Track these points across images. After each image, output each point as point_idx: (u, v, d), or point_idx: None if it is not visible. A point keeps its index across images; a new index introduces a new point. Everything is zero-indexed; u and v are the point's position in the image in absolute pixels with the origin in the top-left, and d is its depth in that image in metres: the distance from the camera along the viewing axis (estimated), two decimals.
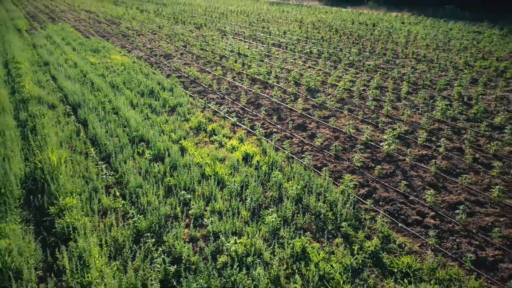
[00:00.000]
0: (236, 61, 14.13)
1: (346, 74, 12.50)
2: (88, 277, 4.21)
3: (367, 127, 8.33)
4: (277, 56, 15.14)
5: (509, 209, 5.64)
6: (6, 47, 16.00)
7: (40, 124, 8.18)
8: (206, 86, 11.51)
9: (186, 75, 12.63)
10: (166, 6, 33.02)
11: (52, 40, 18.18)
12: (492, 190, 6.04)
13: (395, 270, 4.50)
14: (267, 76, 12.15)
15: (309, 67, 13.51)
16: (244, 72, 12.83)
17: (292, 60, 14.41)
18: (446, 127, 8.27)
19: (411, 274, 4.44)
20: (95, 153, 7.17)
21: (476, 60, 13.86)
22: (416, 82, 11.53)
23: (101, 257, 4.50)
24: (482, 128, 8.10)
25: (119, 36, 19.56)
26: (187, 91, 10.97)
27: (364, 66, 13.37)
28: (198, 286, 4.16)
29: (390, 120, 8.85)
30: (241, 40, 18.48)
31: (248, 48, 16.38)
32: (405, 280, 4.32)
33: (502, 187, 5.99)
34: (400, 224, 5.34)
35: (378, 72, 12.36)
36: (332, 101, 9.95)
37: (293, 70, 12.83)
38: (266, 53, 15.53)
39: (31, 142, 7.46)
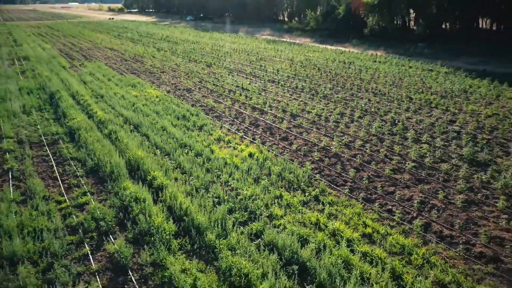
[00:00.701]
0: (240, 94, 19.23)
1: (319, 104, 17.56)
2: (179, 203, 8.96)
3: (325, 138, 13.25)
4: (271, 90, 20.27)
5: (393, 179, 10.48)
6: (65, 82, 21.15)
7: (120, 136, 13.08)
8: (221, 113, 16.52)
9: (205, 105, 17.67)
10: (178, 44, 38.74)
11: (96, 77, 23.37)
12: (386, 171, 10.89)
13: (325, 202, 9.29)
14: (263, 105, 17.20)
15: (294, 98, 18.60)
16: (247, 102, 17.88)
17: (282, 94, 19.53)
18: (375, 138, 13.23)
19: (334, 204, 9.22)
20: (159, 153, 12.04)
21: (416, 94, 19.01)
22: (367, 110, 16.57)
23: (183, 197, 9.28)
24: (397, 139, 13.06)
25: (147, 73, 24.84)
26: (208, 116, 15.96)
27: (334, 98, 18.47)
28: (228, 206, 8.94)
29: (341, 134, 13.79)
30: (243, 77, 23.73)
31: (249, 84, 21.56)
32: (330, 207, 9.09)
33: (394, 169, 10.86)
34: (332, 185, 10.16)
35: (342, 103, 17.45)
36: (306, 122, 14.94)
37: (282, 101, 17.91)
38: (263, 88, 20.68)
39: (118, 145, 12.33)
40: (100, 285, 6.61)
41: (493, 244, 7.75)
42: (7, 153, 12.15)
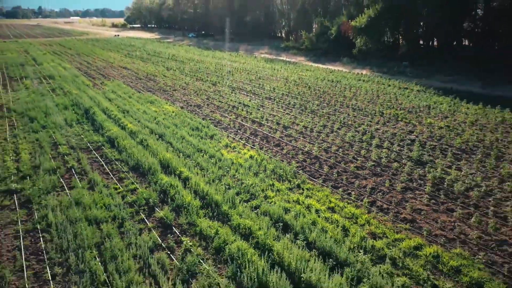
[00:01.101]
0: (242, 110, 23.22)
1: (307, 118, 21.54)
2: (201, 188, 12.79)
3: (309, 145, 17.17)
4: (267, 106, 24.28)
5: (355, 173, 14.35)
6: (94, 100, 25.16)
7: (149, 143, 16.98)
8: (226, 125, 20.46)
9: (213, 119, 21.63)
10: (184, 63, 42.98)
11: (118, 95, 27.39)
12: (352, 168, 14.77)
13: (304, 188, 13.14)
14: (261, 119, 21.16)
15: (286, 113, 22.59)
16: (247, 116, 21.85)
17: (276, 109, 23.53)
18: (347, 144, 17.16)
19: (310, 190, 13.07)
20: (181, 155, 15.91)
21: (387, 109, 23.03)
22: (345, 123, 20.54)
23: (203, 185, 13.11)
24: (364, 145, 16.99)
25: (161, 91, 28.90)
26: (216, 128, 19.90)
27: (319, 113, 22.46)
28: (236, 190, 12.78)
29: (322, 141, 17.70)
30: (244, 94, 27.78)
31: (249, 101, 25.58)
32: (307, 191, 12.93)
33: (357, 167, 14.76)
34: (311, 178, 14.03)
35: (326, 117, 21.44)
36: (295, 133, 18.87)
37: (276, 116, 21.90)
38: (261, 104, 24.70)
39: (150, 150, 16.21)
40: (155, 234, 10.42)
41: (414, 213, 11.60)
42: (65, 156, 16.04)
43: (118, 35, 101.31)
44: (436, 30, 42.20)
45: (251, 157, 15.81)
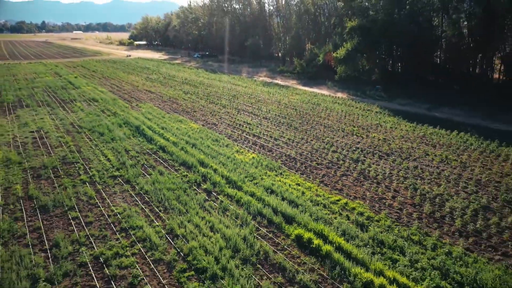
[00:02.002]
0: (246, 127, 33.09)
1: (291, 133, 31.40)
2: (225, 174, 22.56)
3: (290, 150, 26.98)
4: (264, 124, 34.16)
5: (316, 167, 24.12)
6: (139, 119, 35.02)
7: (188, 149, 26.79)
8: (236, 138, 30.31)
9: (226, 133, 31.48)
10: (197, 87, 53.14)
11: (153, 115, 37.27)
12: (314, 164, 24.56)
13: (284, 175, 22.90)
14: (259, 134, 31.00)
15: (277, 129, 32.46)
16: (250, 132, 31.70)
17: (270, 126, 33.41)
18: (314, 150, 27.00)
19: (288, 176, 22.83)
20: (209, 157, 25.70)
21: (348, 126, 32.90)
22: (316, 136, 30.39)
23: (226, 172, 22.86)
24: (325, 151, 26.84)
25: (184, 112, 38.85)
26: (229, 140, 29.74)
27: (300, 129, 32.33)
28: (244, 175, 22.56)
29: (299, 148, 27.50)
30: (247, 115, 37.72)
31: (251, 120, 35.49)
32: (286, 177, 22.66)
33: (318, 163, 24.58)
34: (289, 169, 23.79)
35: (304, 132, 31.31)
36: (282, 143, 28.72)
37: (270, 131, 31.77)
38: (259, 123, 34.59)
39: (189, 153, 26.00)
40: (204, 195, 20.13)
41: (343, 186, 21.34)
42: (136, 157, 25.82)
43: (130, 56, 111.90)
44: (401, 62, 52.61)
45: (253, 157, 25.61)
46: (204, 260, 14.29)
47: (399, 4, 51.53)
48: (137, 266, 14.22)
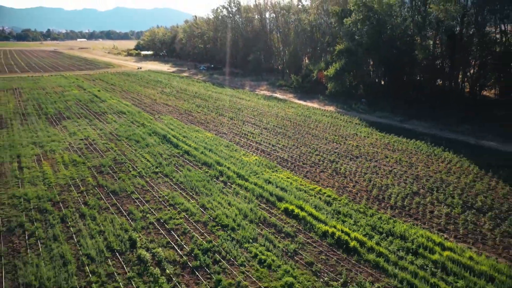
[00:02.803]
0: (250, 136, 42.12)
1: (285, 141, 40.40)
2: (235, 170, 31.54)
3: (284, 154, 35.95)
4: (264, 134, 43.17)
5: (303, 165, 33.07)
6: (163, 129, 44.07)
7: (206, 152, 35.78)
8: (242, 144, 39.34)
9: (235, 141, 40.51)
10: (207, 101, 62.36)
11: (174, 126, 46.33)
12: (300, 164, 33.54)
13: (278, 171, 31.87)
14: (260, 141, 40.01)
15: (274, 138, 41.46)
16: (253, 139, 40.72)
17: (269, 136, 42.41)
18: (303, 154, 35.97)
19: (281, 172, 31.80)
20: (223, 159, 34.71)
21: (331, 135, 41.88)
22: (305, 143, 39.35)
23: (236, 169, 31.83)
24: (311, 154, 35.81)
25: (199, 123, 47.92)
26: (237, 146, 38.75)
27: (293, 138, 41.32)
28: (249, 171, 31.56)
29: (290, 152, 36.46)
30: (250, 126, 46.75)
31: (254, 130, 44.51)
32: (279, 172, 31.62)
33: (304, 163, 33.59)
34: (282, 167, 32.76)
35: (295, 140, 40.29)
36: (278, 148, 37.71)
37: (268, 139, 40.77)
38: (260, 132, 43.61)
39: (208, 155, 34.99)
40: (221, 184, 29.08)
41: (320, 179, 30.28)
42: (168, 159, 34.83)
43: (141, 68, 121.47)
44: (383, 78, 61.74)
45: (255, 159, 34.57)
46: (226, 220, 23.19)
47: (380, 30, 60.72)
48: (185, 224, 23.14)
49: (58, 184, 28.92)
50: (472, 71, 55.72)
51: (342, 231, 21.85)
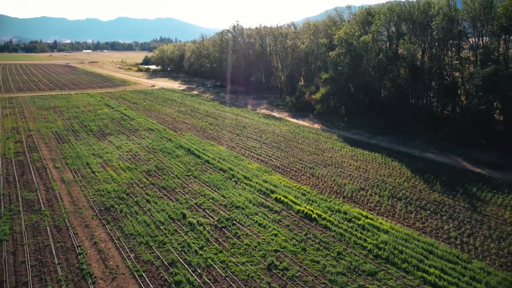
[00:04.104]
0: (253, 149, 56.80)
1: (278, 152, 55.02)
2: (242, 173, 46.17)
3: (277, 162, 50.55)
4: (263, 148, 57.82)
5: (288, 171, 47.66)
6: (187, 143, 58.83)
7: (221, 162, 50.43)
8: (247, 155, 53.98)
9: (242, 153, 55.18)
10: (217, 119, 77.27)
11: (194, 141, 61.06)
12: (289, 169, 48.16)
13: (273, 174, 46.50)
14: (260, 153, 54.64)
15: (270, 150, 56.09)
16: (255, 152, 55.37)
17: (267, 149, 57.06)
18: (290, 162, 50.61)
19: (274, 174, 46.41)
20: (234, 166, 49.36)
21: (313, 149, 56.48)
22: (292, 154, 53.93)
23: (243, 173, 46.44)
24: (296, 163, 50.45)
25: (213, 138, 62.67)
26: (243, 156, 53.41)
27: (284, 150, 55.93)
28: (252, 174, 46.23)
29: (282, 161, 51.06)
30: (252, 141, 61.47)
31: (255, 145, 59.21)
32: (273, 176, 46.20)
33: (288, 168, 48.28)
34: (275, 171, 47.37)
35: (286, 152, 54.93)
36: (274, 158, 52.35)
37: (266, 152, 55.44)
38: (260, 147, 58.30)
39: (223, 164, 49.64)
40: (233, 183, 43.70)
41: (300, 180, 44.85)
42: (194, 166, 49.52)
43: (154, 86, 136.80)
44: (360, 101, 76.62)
45: (256, 166, 49.13)
46: (238, 204, 37.69)
47: (358, 62, 75.79)
48: (213, 206, 37.65)
49: (124, 183, 43.56)
50: (428, 97, 70.63)
51: (309, 210, 36.35)
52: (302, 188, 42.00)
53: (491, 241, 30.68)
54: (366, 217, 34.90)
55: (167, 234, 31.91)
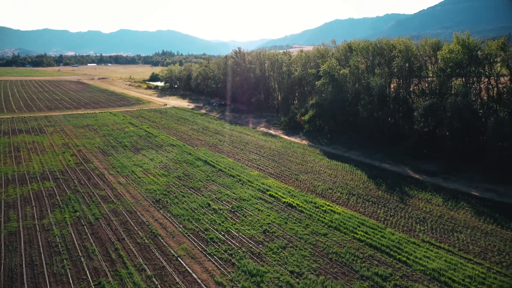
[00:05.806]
0: (254, 161, 76.05)
1: (273, 164, 74.21)
2: (245, 177, 65.39)
3: (270, 170, 69.78)
4: (262, 160, 77.03)
5: (280, 176, 66.88)
6: (204, 156, 78.16)
7: (232, 170, 69.72)
8: (249, 165, 73.22)
9: (245, 164, 74.44)
10: (224, 136, 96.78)
11: (209, 154, 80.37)
12: (281, 174, 67.43)
13: (268, 179, 65.76)
14: (259, 164, 73.89)
15: (267, 161, 75.32)
16: (255, 163, 74.62)
17: (265, 161, 76.31)
18: (279, 170, 69.94)
19: (269, 179, 65.62)
20: (240, 173, 68.59)
21: (298, 160, 75.72)
22: (284, 165, 73.21)
23: (248, 178, 65.63)
24: (285, 171, 69.79)
25: (223, 153, 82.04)
26: (247, 166, 72.66)
27: (277, 161, 75.13)
28: (252, 178, 65.46)
29: (274, 170, 70.29)
30: (253, 154, 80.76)
31: (256, 157, 78.51)
32: (268, 179, 65.34)
33: (280, 174, 67.60)
34: (270, 176, 66.59)
35: (279, 163, 74.21)
36: (269, 168, 71.61)
37: (264, 163, 74.71)
38: (259, 159, 77.54)
39: (233, 172, 68.87)
40: (241, 184, 62.93)
41: (288, 181, 64.14)
42: (211, 174, 68.82)
43: (166, 104, 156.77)
44: (341, 122, 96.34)
45: (257, 173, 68.26)
46: (244, 197, 56.81)
47: (338, 90, 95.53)
48: (227, 198, 56.74)
49: (163, 184, 62.71)
50: (393, 118, 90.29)
51: (291, 201, 55.42)
52: (289, 188, 61.10)
53: (403, 218, 49.83)
54: (328, 205, 54.01)
55: (200, 215, 51.03)
